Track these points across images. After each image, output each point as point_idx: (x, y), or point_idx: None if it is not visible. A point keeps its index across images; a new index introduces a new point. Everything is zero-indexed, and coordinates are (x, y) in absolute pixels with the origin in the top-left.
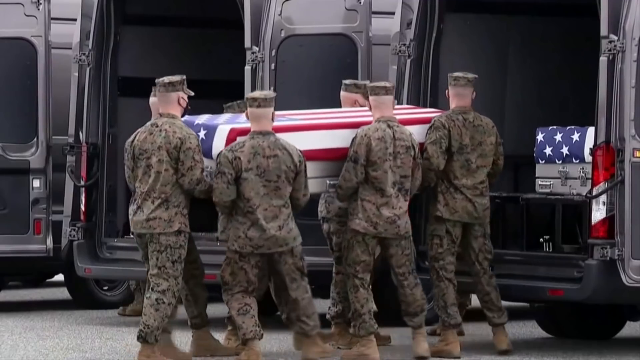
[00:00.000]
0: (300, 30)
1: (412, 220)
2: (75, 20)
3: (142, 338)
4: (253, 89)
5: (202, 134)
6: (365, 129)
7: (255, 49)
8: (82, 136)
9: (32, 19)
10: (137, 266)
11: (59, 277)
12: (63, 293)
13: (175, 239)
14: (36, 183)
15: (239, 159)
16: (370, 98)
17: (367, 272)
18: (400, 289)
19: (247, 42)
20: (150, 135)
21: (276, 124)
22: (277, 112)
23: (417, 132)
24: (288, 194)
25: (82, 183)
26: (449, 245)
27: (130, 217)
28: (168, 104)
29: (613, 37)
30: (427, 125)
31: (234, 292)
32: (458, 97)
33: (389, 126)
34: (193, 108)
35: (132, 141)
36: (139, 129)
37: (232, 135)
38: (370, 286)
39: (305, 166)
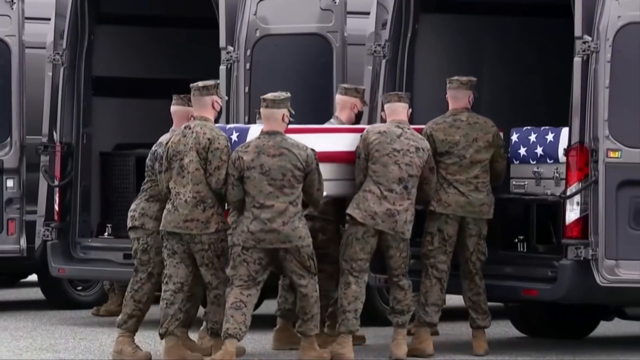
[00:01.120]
0: (275, 30)
1: None
2: (49, 19)
3: (214, 334)
4: (228, 89)
5: (234, 136)
6: (370, 126)
7: (230, 48)
8: (56, 136)
9: (6, 18)
10: (111, 266)
11: (33, 277)
12: (37, 293)
13: (216, 236)
14: (10, 183)
15: (242, 158)
16: (385, 106)
17: (363, 270)
18: (392, 288)
19: (222, 42)
20: (183, 138)
21: (311, 125)
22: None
23: None
24: (297, 192)
25: (56, 183)
26: (440, 243)
27: (163, 215)
28: (202, 107)
29: (587, 37)
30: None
31: (234, 285)
32: (452, 99)
33: (398, 126)
34: (169, 109)
35: (167, 143)
36: (176, 132)
37: None
38: (364, 284)
39: (317, 165)
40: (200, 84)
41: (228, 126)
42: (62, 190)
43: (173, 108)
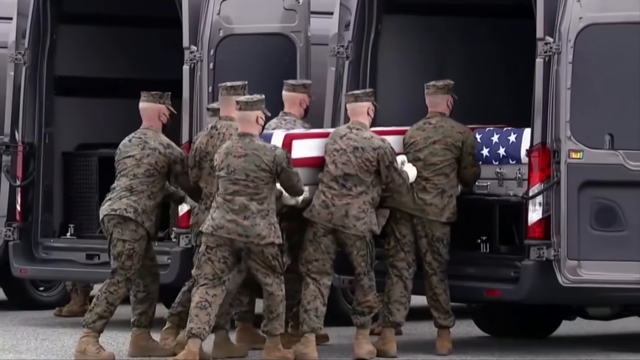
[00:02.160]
0: (239, 30)
1: None
2: (11, 19)
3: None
4: (191, 88)
5: None
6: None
7: (194, 48)
8: (18, 136)
9: None
10: (74, 267)
11: None
12: None
13: None
14: None
15: (216, 159)
16: (347, 107)
17: (322, 272)
18: (356, 287)
19: (186, 42)
20: (211, 139)
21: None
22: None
23: (395, 142)
24: (263, 193)
25: (18, 183)
26: (395, 242)
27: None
28: (229, 107)
29: (549, 39)
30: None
31: (199, 284)
32: (430, 104)
33: (348, 127)
34: (131, 108)
35: (193, 143)
36: (200, 132)
37: (287, 140)
38: (322, 286)
39: (288, 164)
40: (228, 84)
41: None
42: (24, 190)
43: (142, 105)
